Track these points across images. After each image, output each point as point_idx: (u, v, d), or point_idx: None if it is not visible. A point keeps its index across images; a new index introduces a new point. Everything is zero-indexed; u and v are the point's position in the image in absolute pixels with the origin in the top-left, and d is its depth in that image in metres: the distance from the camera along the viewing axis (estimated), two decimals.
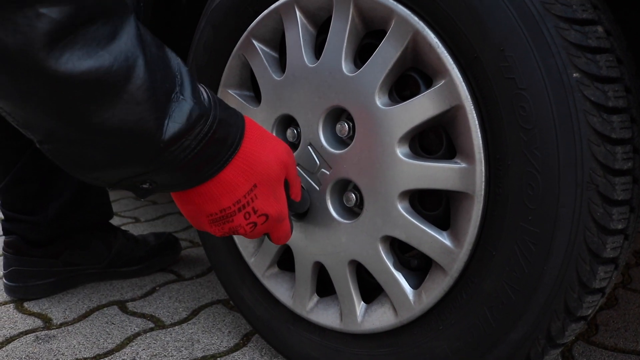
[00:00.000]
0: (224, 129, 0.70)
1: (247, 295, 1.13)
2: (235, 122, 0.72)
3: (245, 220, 0.76)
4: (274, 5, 0.95)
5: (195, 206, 0.75)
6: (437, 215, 0.84)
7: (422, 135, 0.84)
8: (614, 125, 0.68)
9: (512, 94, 0.70)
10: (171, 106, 0.62)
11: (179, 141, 0.64)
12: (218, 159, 0.70)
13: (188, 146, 0.65)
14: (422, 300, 0.84)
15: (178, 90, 0.64)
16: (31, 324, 1.31)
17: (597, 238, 0.70)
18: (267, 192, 0.77)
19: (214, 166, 0.70)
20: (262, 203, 0.76)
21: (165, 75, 0.62)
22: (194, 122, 0.64)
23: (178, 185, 0.71)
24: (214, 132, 0.67)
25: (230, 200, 0.74)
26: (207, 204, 0.74)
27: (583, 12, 0.69)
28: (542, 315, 0.74)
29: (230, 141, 0.71)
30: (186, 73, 0.66)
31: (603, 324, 1.27)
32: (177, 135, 0.63)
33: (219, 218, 0.75)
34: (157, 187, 0.70)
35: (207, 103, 0.68)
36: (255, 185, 0.75)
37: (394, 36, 0.80)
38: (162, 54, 0.63)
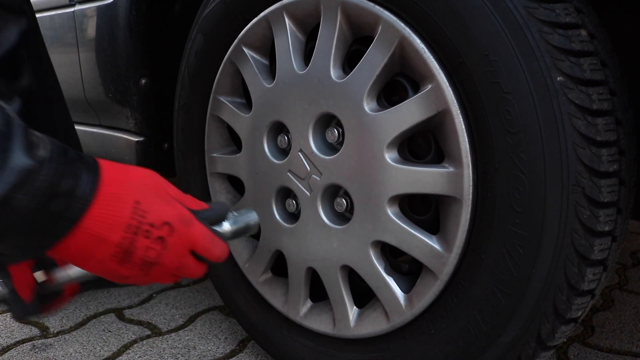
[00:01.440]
0: (71, 180, 0.60)
1: (242, 302, 1.13)
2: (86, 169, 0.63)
3: (149, 240, 0.66)
4: (263, 13, 0.96)
5: (90, 257, 0.65)
6: (427, 220, 0.85)
7: (411, 140, 0.84)
8: (598, 128, 0.68)
9: (497, 98, 0.71)
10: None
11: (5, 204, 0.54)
12: (67, 214, 0.60)
13: (20, 206, 0.55)
14: (413, 304, 0.84)
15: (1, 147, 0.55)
16: (28, 332, 1.32)
17: (584, 240, 0.70)
18: (153, 202, 0.68)
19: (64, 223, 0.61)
20: (155, 214, 0.67)
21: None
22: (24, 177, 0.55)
23: (31, 251, 0.62)
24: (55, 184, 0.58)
25: (119, 231, 0.64)
26: (99, 248, 0.64)
27: (566, 16, 0.69)
28: (532, 318, 0.74)
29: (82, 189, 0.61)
30: (14, 123, 0.57)
31: (599, 326, 1.27)
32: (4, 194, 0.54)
33: (124, 254, 0.65)
34: (8, 257, 0.63)
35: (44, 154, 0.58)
36: (138, 202, 0.66)
37: (381, 42, 0.80)
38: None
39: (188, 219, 0.71)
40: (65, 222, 0.61)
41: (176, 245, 0.69)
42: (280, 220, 0.99)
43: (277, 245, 1.01)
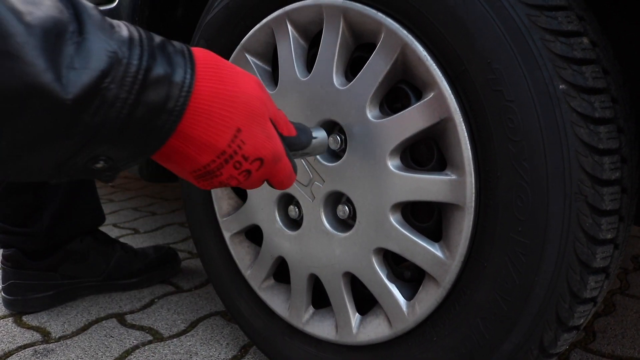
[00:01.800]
0: (164, 66, 0.54)
1: (244, 308, 1.13)
2: (179, 56, 0.56)
3: (237, 170, 0.64)
4: (266, 20, 0.96)
5: (175, 165, 0.63)
6: (429, 227, 0.85)
7: (413, 148, 0.85)
8: (600, 136, 0.68)
9: (500, 106, 0.71)
10: (66, 51, 0.47)
11: (96, 93, 0.48)
12: (169, 105, 0.54)
13: (116, 97, 0.49)
14: (415, 311, 0.84)
15: (74, 30, 0.48)
16: (30, 337, 1.32)
17: (586, 248, 0.70)
18: (255, 133, 0.63)
19: (168, 117, 0.55)
20: (252, 147, 0.63)
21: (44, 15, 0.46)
22: (109, 63, 0.49)
23: (138, 153, 0.57)
24: (148, 69, 0.52)
25: (211, 155, 0.61)
26: (185, 163, 0.61)
27: (568, 24, 0.69)
28: (535, 326, 0.74)
29: (181, 78, 0.55)
30: (87, 8, 0.50)
31: (600, 331, 1.27)
32: (90, 86, 0.47)
33: (205, 174, 0.63)
34: (116, 162, 0.56)
35: (128, 36, 0.52)
36: (239, 130, 0.61)
37: (384, 49, 0.80)
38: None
39: (279, 155, 0.68)
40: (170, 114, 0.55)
41: (257, 179, 0.68)
42: (282, 226, 0.99)
43: (280, 251, 1.01)
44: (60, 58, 0.46)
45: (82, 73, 0.47)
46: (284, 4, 0.93)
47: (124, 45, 0.50)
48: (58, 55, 0.46)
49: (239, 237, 1.11)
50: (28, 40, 0.44)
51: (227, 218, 1.11)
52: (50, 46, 0.45)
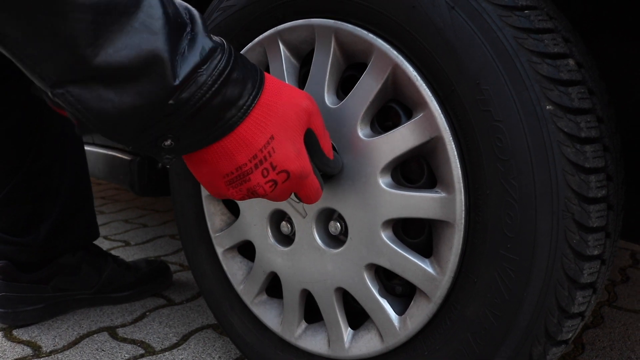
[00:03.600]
0: (242, 71, 0.66)
1: (237, 322, 1.14)
2: (253, 67, 0.69)
3: (264, 179, 0.71)
4: (258, 39, 0.97)
5: (208, 166, 0.70)
6: (420, 243, 0.86)
7: (404, 165, 0.86)
8: (587, 155, 0.70)
9: (488, 126, 0.72)
10: (182, 43, 0.61)
11: (193, 75, 0.61)
12: (240, 102, 0.66)
13: (204, 82, 0.62)
14: (407, 326, 0.86)
15: (189, 30, 0.62)
16: (20, 352, 1.32)
17: (574, 264, 0.72)
18: (285, 145, 0.71)
19: (236, 112, 0.66)
20: (280, 157, 0.71)
21: (176, 11, 0.61)
22: (207, 55, 0.62)
23: (201, 138, 0.66)
24: (231, 69, 0.64)
25: (247, 156, 0.69)
26: (222, 162, 0.69)
27: (554, 46, 0.71)
28: (524, 340, 0.76)
29: (252, 85, 0.67)
30: (198, 16, 0.64)
31: (589, 343, 1.29)
32: (191, 69, 0.60)
33: (236, 178, 0.70)
34: (179, 144, 0.66)
35: (220, 42, 0.65)
36: (272, 137, 0.70)
37: (375, 69, 0.82)
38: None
39: (306, 173, 0.75)
40: (239, 109, 0.67)
41: (283, 192, 0.75)
42: (275, 242, 1.00)
43: (272, 267, 1.02)
44: (178, 48, 0.60)
45: (189, 59, 0.60)
46: (276, 23, 0.94)
47: (219, 48, 0.64)
48: (177, 45, 0.60)
49: (232, 252, 1.12)
50: (165, 27, 0.58)
51: (220, 234, 1.11)
52: (174, 38, 0.59)
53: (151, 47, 0.57)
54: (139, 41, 0.56)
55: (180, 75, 0.60)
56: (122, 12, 0.55)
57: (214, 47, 0.63)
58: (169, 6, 0.60)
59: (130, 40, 0.56)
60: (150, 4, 0.58)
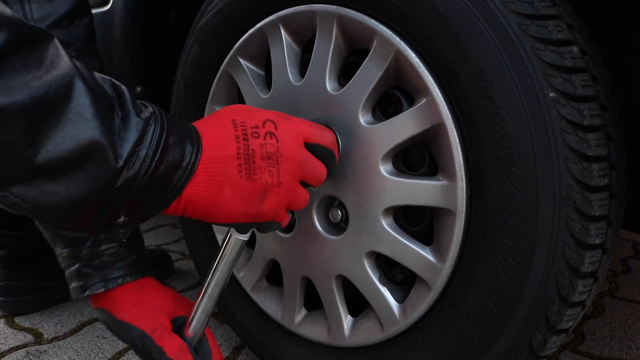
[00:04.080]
0: (177, 133, 0.67)
1: (237, 309, 1.14)
2: (185, 125, 0.70)
3: (260, 138, 0.71)
4: (260, 25, 0.97)
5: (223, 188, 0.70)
6: (421, 231, 0.86)
7: (405, 153, 0.86)
8: (590, 143, 0.70)
9: (490, 113, 0.72)
10: (116, 120, 0.61)
11: (134, 151, 0.61)
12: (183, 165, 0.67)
13: (145, 156, 0.62)
14: (407, 314, 0.86)
15: (118, 105, 0.62)
16: (22, 339, 1.32)
17: (575, 253, 0.71)
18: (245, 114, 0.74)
19: (182, 174, 0.67)
20: (251, 119, 0.73)
21: (103, 91, 0.61)
22: (142, 129, 0.63)
23: (155, 205, 0.67)
24: (167, 135, 0.65)
25: (232, 144, 0.70)
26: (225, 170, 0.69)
27: (558, 33, 0.71)
28: (524, 329, 0.75)
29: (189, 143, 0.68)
30: (122, 87, 0.65)
31: (589, 333, 1.29)
32: (132, 146, 0.61)
33: (245, 162, 0.70)
34: (133, 218, 0.67)
35: (152, 110, 0.66)
36: (233, 120, 0.72)
37: (377, 55, 0.81)
38: (92, 74, 0.62)
39: (285, 115, 0.76)
40: (184, 170, 0.67)
41: (287, 135, 0.73)
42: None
43: (272, 254, 1.02)
44: (113, 128, 0.60)
45: (127, 137, 0.61)
46: (278, 9, 0.94)
47: (152, 117, 0.65)
48: (112, 126, 0.60)
49: None
50: (98, 112, 0.58)
51: None
52: (108, 119, 0.59)
53: (89, 135, 0.57)
54: (76, 131, 0.56)
55: (123, 155, 0.60)
56: (55, 106, 0.55)
57: (147, 118, 0.64)
58: (96, 88, 0.60)
59: (68, 133, 0.56)
60: (80, 91, 0.57)
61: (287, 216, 0.80)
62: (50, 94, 0.54)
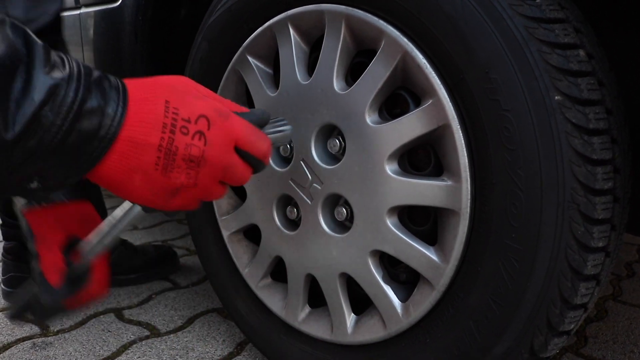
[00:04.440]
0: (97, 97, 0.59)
1: (241, 305, 1.15)
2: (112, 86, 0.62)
3: (188, 136, 0.64)
4: (268, 23, 0.97)
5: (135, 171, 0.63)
6: (425, 231, 0.86)
7: (411, 153, 0.86)
8: (594, 147, 0.70)
9: (496, 115, 0.72)
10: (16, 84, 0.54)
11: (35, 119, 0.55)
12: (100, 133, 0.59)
13: (51, 124, 0.56)
14: (410, 313, 0.86)
15: (24, 64, 0.55)
16: (28, 330, 1.33)
17: (578, 255, 0.72)
18: (184, 98, 0.65)
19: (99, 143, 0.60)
20: (188, 108, 0.65)
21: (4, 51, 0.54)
22: (47, 94, 0.55)
23: (72, 172, 0.61)
24: (82, 100, 0.58)
25: (157, 131, 0.62)
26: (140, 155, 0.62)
27: (565, 37, 0.71)
28: (525, 330, 0.76)
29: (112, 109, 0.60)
30: (36, 43, 0.57)
31: (592, 336, 1.29)
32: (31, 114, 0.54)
33: (165, 157, 0.63)
34: (49, 182, 0.61)
35: (68, 71, 0.58)
36: (167, 101, 0.64)
37: (384, 56, 0.82)
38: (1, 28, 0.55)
39: (225, 112, 0.68)
40: (100, 141, 0.60)
41: (217, 138, 0.66)
42: (281, 227, 1.01)
43: (277, 251, 1.03)
44: (8, 94, 0.53)
45: (25, 105, 0.54)
46: (287, 8, 0.94)
47: (64, 80, 0.57)
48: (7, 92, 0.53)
49: (238, 236, 1.13)
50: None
51: (226, 217, 1.12)
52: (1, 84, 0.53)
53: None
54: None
55: (17, 126, 0.54)
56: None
57: (58, 81, 0.57)
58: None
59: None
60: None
61: (198, 205, 0.72)
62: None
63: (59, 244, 0.79)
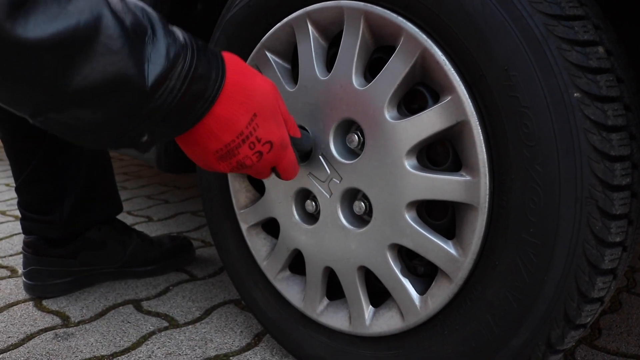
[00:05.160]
0: (205, 65, 0.70)
1: (259, 297, 1.16)
2: (214, 56, 0.73)
3: (251, 151, 0.78)
4: (287, 19, 0.98)
5: (199, 146, 0.77)
6: (443, 225, 0.87)
7: (430, 148, 0.87)
8: (612, 143, 0.71)
9: (515, 111, 0.73)
10: (147, 49, 0.63)
11: (163, 83, 0.65)
12: (206, 94, 0.71)
13: (173, 87, 0.66)
14: (427, 305, 0.88)
15: (150, 33, 0.64)
16: (50, 321, 1.36)
17: (595, 250, 0.73)
18: (267, 120, 0.78)
19: (204, 103, 0.71)
20: (264, 131, 0.78)
21: (133, 21, 0.62)
22: (173, 61, 0.65)
23: (175, 130, 0.73)
24: (195, 67, 0.68)
25: (232, 134, 0.75)
26: (210, 142, 0.76)
27: (584, 34, 0.72)
28: (543, 323, 0.77)
29: (215, 75, 0.72)
30: (155, 16, 0.67)
31: (606, 328, 1.30)
32: (160, 78, 0.64)
33: (226, 153, 0.77)
34: (155, 137, 0.71)
35: (183, 41, 0.68)
36: (255, 115, 0.76)
37: (403, 52, 0.83)
38: (124, 1, 0.64)
39: (286, 144, 0.83)
40: (205, 101, 0.72)
41: (268, 162, 0.82)
42: (299, 220, 1.02)
43: (296, 244, 1.04)
44: (143, 57, 0.62)
45: (157, 67, 0.64)
46: (305, 4, 0.95)
47: (182, 48, 0.67)
48: (142, 55, 0.62)
49: (256, 229, 1.14)
50: (126, 44, 0.60)
51: (245, 210, 1.14)
52: (137, 49, 0.62)
53: (116, 68, 0.60)
54: (103, 64, 0.59)
55: (151, 83, 0.63)
56: (84, 41, 0.57)
57: (178, 52, 0.66)
58: (126, 18, 0.61)
59: (96, 65, 0.59)
60: (108, 25, 0.59)
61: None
62: (80, 29, 0.57)
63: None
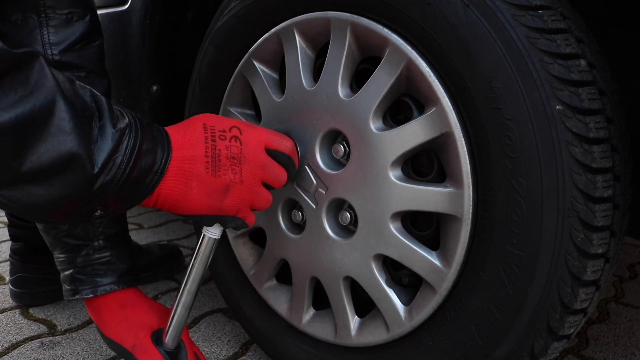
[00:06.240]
0: (150, 141, 0.76)
1: (246, 307, 1.16)
2: (158, 132, 0.78)
3: (227, 141, 0.81)
4: (275, 29, 0.99)
5: (189, 181, 0.79)
6: (428, 236, 0.88)
7: (415, 159, 0.87)
8: (594, 156, 0.71)
9: (498, 123, 0.74)
10: (94, 130, 0.69)
11: (110, 158, 0.70)
12: (154, 169, 0.76)
13: (121, 162, 0.71)
14: (412, 316, 0.88)
15: (97, 115, 0.70)
16: (36, 329, 1.35)
17: (577, 262, 0.73)
18: (216, 119, 0.83)
19: (152, 177, 0.76)
20: (220, 123, 0.82)
21: (82, 105, 0.69)
22: (118, 138, 0.71)
23: (128, 203, 0.77)
24: (140, 143, 0.74)
25: (201, 145, 0.79)
26: (194, 167, 0.78)
27: (567, 47, 0.72)
28: (526, 334, 0.77)
29: (161, 149, 0.77)
30: (101, 98, 0.73)
31: (593, 338, 1.30)
32: (108, 155, 0.70)
33: (212, 160, 0.79)
34: (109, 210, 0.76)
35: (127, 120, 0.74)
36: (205, 123, 0.82)
37: (389, 64, 0.83)
38: (74, 87, 0.70)
39: (250, 124, 0.87)
40: (155, 174, 0.76)
41: (250, 140, 0.83)
42: (285, 230, 1.02)
43: (282, 254, 1.04)
44: (91, 138, 0.68)
45: (103, 147, 0.70)
46: (293, 15, 0.96)
47: (127, 126, 0.73)
48: (89, 136, 0.68)
49: (243, 238, 1.14)
50: (76, 126, 0.66)
51: None
52: (86, 131, 0.68)
53: (68, 147, 0.65)
54: (57, 144, 0.65)
55: (98, 163, 0.69)
56: (38, 123, 0.63)
57: (123, 129, 0.73)
58: (76, 102, 0.68)
59: (50, 145, 0.64)
60: (60, 108, 0.65)
61: (252, 215, 0.88)
62: (35, 113, 0.62)
63: (148, 344, 0.97)
